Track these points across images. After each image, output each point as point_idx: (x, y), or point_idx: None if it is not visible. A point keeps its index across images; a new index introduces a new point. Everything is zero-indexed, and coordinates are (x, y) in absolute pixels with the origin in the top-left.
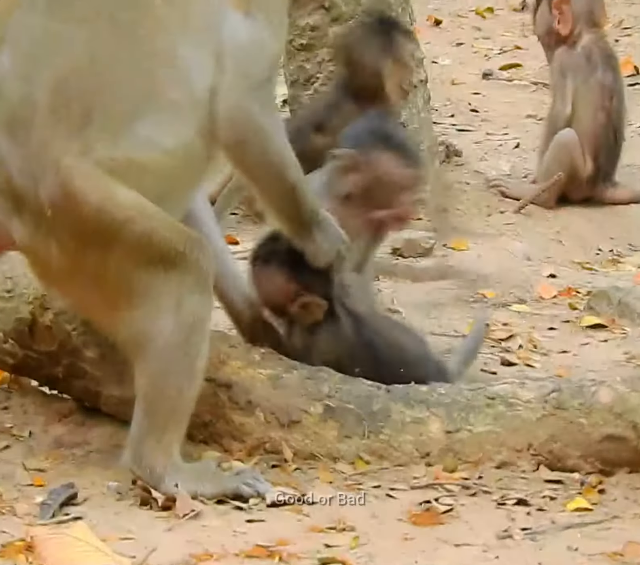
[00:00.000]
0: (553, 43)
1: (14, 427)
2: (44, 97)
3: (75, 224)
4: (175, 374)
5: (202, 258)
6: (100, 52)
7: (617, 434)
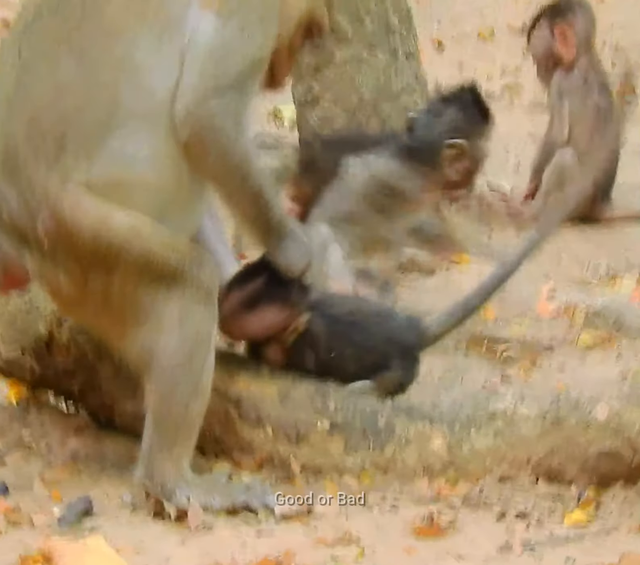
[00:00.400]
0: (551, 66)
1: (32, 441)
2: (21, 133)
3: (75, 252)
4: (182, 389)
5: (202, 274)
6: (62, 78)
7: (613, 449)
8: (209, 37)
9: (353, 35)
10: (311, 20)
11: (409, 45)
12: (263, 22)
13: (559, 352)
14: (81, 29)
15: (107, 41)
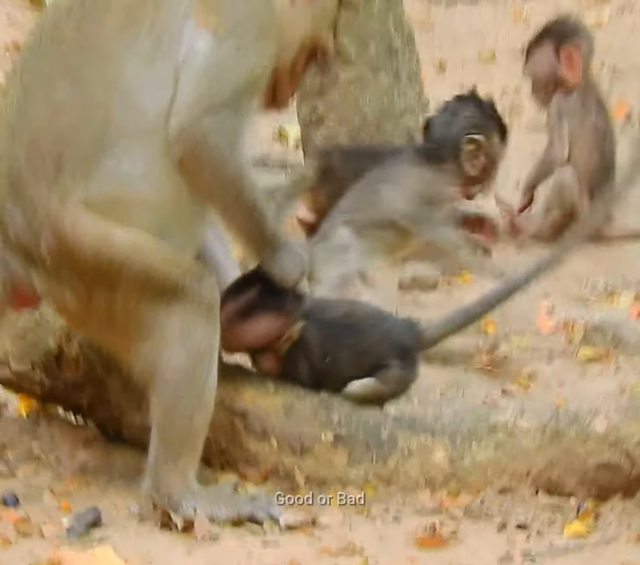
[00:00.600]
0: (552, 87)
1: (41, 453)
2: (23, 154)
3: (78, 270)
4: (185, 402)
5: (203, 289)
6: (57, 100)
7: (611, 461)
8: (204, 55)
9: (357, 57)
10: (315, 43)
11: (412, 67)
12: (259, 42)
13: (558, 366)
14: (75, 50)
15: (100, 62)
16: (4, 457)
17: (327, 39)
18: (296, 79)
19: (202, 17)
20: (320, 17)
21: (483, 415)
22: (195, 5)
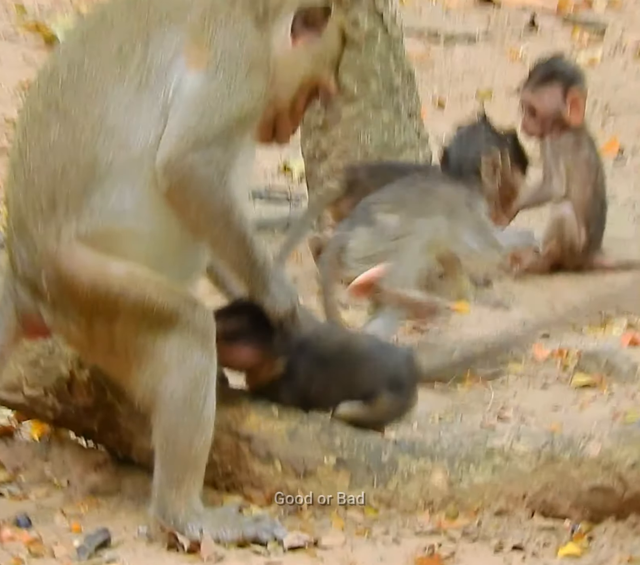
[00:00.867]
0: (550, 125)
1: (53, 476)
2: (22, 192)
3: (78, 303)
4: (185, 427)
5: (197, 317)
6: (50, 140)
7: (604, 485)
8: (194, 91)
9: (359, 95)
10: (316, 83)
11: (412, 104)
12: (250, 78)
13: (553, 392)
14: (67, 91)
15: (88, 101)
16: (17, 479)
17: (328, 79)
18: (297, 116)
19: (193, 54)
20: (320, 58)
21: (480, 440)
22: (186, 42)
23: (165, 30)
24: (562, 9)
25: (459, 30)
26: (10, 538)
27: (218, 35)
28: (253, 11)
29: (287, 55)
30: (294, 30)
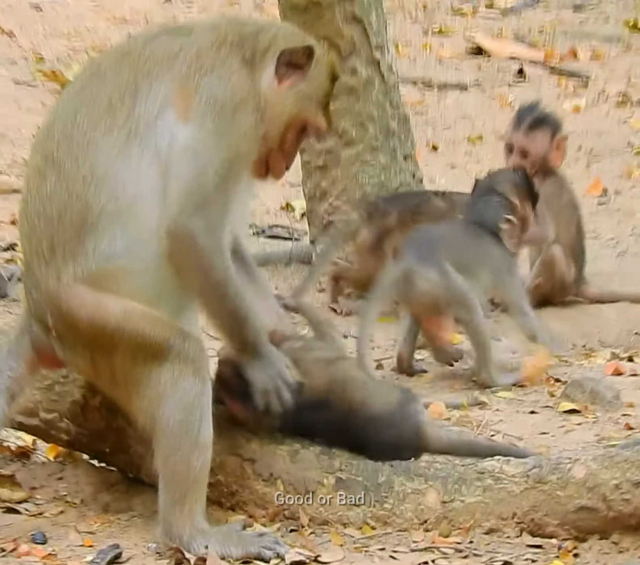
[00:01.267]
0: (537, 167)
1: (67, 495)
2: (26, 239)
3: (80, 338)
4: (183, 449)
5: (188, 348)
6: (47, 190)
7: (589, 505)
8: (184, 145)
9: (357, 138)
10: (304, 120)
11: (407, 147)
12: (238, 121)
13: (541, 417)
14: (60, 144)
15: (78, 154)
16: (33, 498)
17: (316, 116)
18: (289, 152)
19: (181, 105)
20: (306, 97)
21: (472, 462)
22: (174, 92)
23: (152, 80)
24: (549, 60)
25: (452, 79)
26: (26, 553)
27: (203, 81)
28: (240, 53)
29: (273, 95)
30: (278, 71)
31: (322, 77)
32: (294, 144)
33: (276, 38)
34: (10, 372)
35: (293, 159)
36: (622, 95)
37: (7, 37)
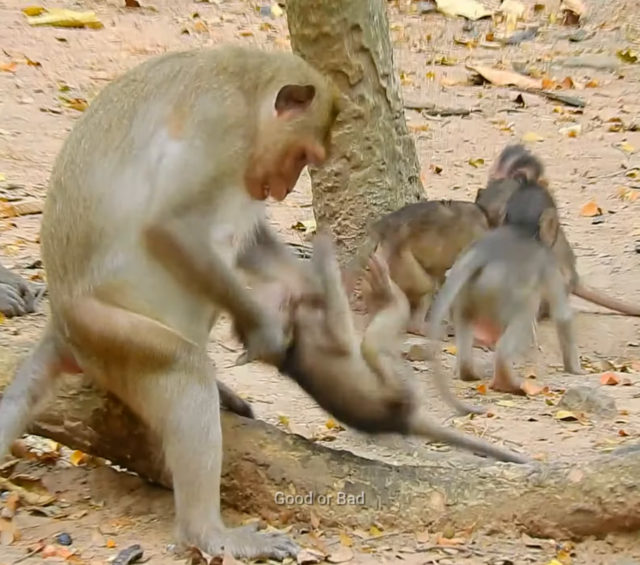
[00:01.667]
0: None
1: (91, 498)
2: (44, 258)
3: (94, 350)
4: (192, 451)
5: (193, 358)
6: (56, 213)
7: (585, 507)
8: (173, 160)
9: (365, 162)
10: (302, 149)
11: (412, 170)
12: (226, 139)
13: (540, 425)
14: (67, 168)
15: (80, 177)
16: (58, 501)
17: (314, 146)
18: (288, 177)
19: (174, 124)
20: (304, 129)
21: (474, 467)
22: (169, 113)
23: (150, 102)
24: (546, 88)
25: (454, 106)
26: (52, 554)
27: (198, 101)
28: (238, 81)
29: (271, 124)
30: (278, 105)
31: (322, 111)
32: (293, 170)
33: (279, 71)
34: (33, 375)
35: (294, 183)
36: (615, 121)
37: (35, 68)
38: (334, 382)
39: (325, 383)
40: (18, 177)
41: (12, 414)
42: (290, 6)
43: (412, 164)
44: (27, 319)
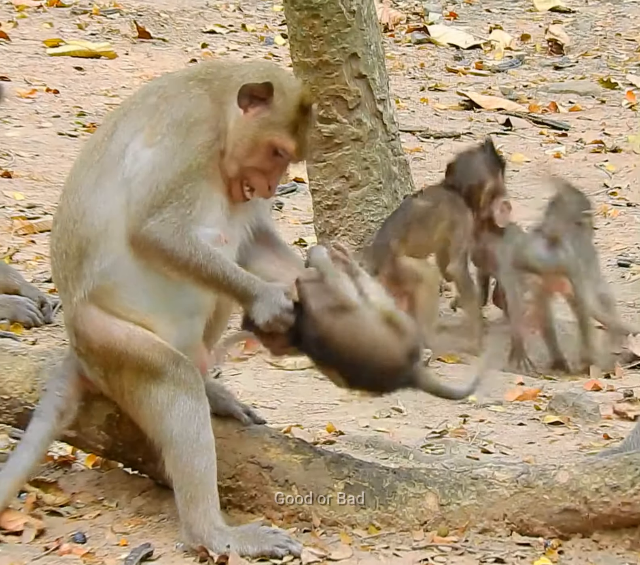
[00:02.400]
0: None
1: (104, 499)
2: (53, 277)
3: (96, 359)
4: (185, 455)
5: (181, 370)
6: (55, 231)
7: (572, 507)
8: (143, 165)
9: (362, 181)
10: (272, 144)
11: (407, 189)
12: (192, 136)
13: (528, 429)
14: (65, 189)
15: (70, 197)
16: (74, 502)
17: (284, 141)
18: (266, 174)
19: (147, 133)
20: (270, 124)
21: (467, 469)
22: (144, 123)
23: (127, 118)
24: (533, 112)
25: (446, 129)
26: (68, 552)
27: (167, 107)
28: (207, 85)
29: (238, 122)
30: (240, 103)
31: (287, 106)
32: (270, 166)
33: (246, 75)
34: (59, 392)
35: (275, 179)
36: (598, 143)
37: (53, 95)
38: (352, 338)
39: (344, 341)
40: (37, 196)
41: (42, 431)
42: (292, 36)
43: (407, 183)
44: (45, 330)
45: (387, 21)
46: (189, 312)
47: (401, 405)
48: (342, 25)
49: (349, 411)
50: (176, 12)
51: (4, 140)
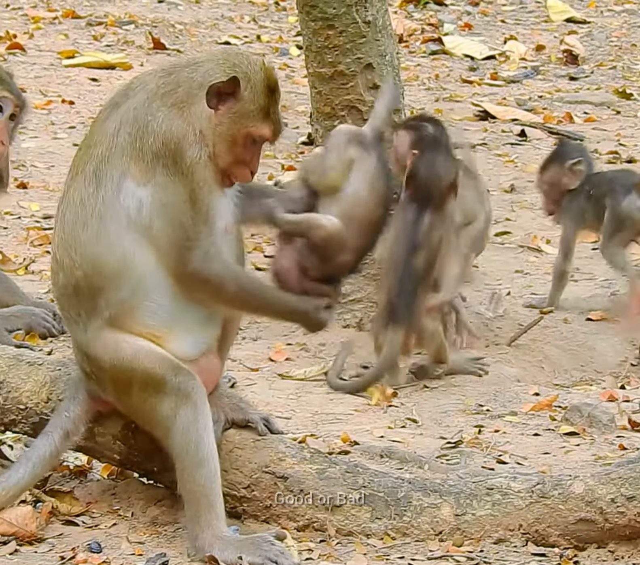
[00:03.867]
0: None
1: (120, 509)
2: (59, 306)
3: (107, 379)
4: (188, 467)
5: (180, 384)
6: (62, 267)
7: (587, 517)
8: (150, 207)
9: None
10: (249, 134)
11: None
12: (181, 164)
13: (544, 439)
14: (59, 247)
15: (72, 253)
16: (89, 512)
17: (258, 129)
18: (248, 162)
19: (134, 171)
20: (243, 116)
21: (482, 479)
22: (126, 163)
23: (107, 165)
24: (548, 122)
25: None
26: (83, 561)
27: (143, 141)
28: (170, 98)
29: (212, 123)
30: (210, 103)
31: (255, 93)
32: (250, 154)
33: (207, 73)
34: (67, 413)
35: (255, 165)
36: (613, 154)
37: (68, 106)
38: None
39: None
40: (52, 207)
41: (43, 448)
42: (307, 47)
43: None
44: (60, 340)
45: (402, 32)
46: (204, 322)
47: (416, 416)
48: (357, 36)
49: (363, 421)
50: (191, 24)
51: (19, 151)
